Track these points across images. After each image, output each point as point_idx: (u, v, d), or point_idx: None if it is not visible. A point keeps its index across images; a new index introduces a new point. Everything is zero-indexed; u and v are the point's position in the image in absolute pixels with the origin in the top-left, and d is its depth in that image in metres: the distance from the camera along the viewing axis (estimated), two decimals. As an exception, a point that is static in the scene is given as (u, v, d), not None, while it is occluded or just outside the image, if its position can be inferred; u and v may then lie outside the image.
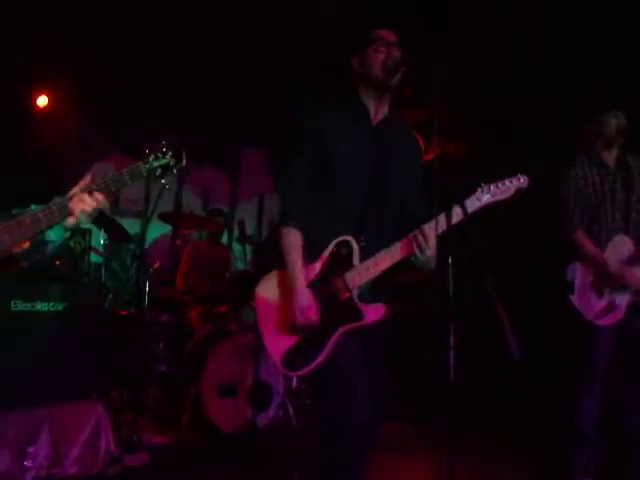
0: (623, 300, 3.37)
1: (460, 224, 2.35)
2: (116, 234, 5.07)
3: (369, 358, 2.46)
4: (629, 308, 3.36)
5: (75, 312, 3.67)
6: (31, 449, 3.27)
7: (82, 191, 1.97)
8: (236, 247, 6.76)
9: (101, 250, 5.01)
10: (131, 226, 5.95)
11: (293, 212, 2.49)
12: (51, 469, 3.32)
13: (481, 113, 5.58)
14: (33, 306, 3.53)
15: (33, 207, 2.04)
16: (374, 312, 2.39)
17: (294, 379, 4.80)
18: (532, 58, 5.36)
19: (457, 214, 2.32)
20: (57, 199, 1.98)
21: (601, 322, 3.37)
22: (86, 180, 2.01)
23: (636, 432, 3.40)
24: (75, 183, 2.03)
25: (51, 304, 3.59)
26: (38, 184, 5.25)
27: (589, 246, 3.43)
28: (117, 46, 5.61)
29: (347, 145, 2.48)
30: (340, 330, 2.37)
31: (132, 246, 5.44)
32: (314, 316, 2.36)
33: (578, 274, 3.47)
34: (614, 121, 3.50)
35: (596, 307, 3.39)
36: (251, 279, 4.93)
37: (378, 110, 2.56)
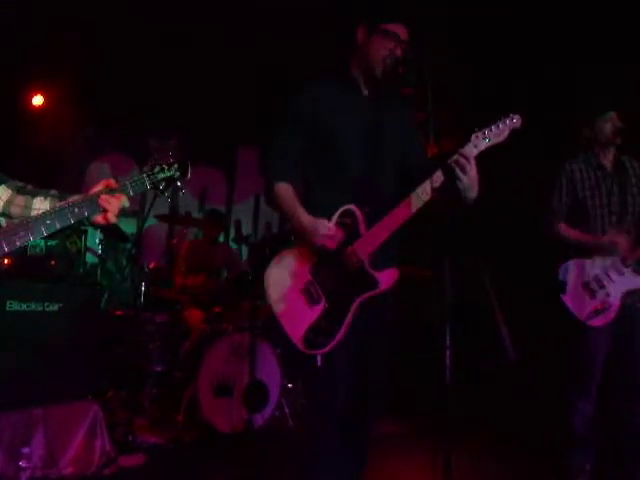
0: (616, 300, 3.37)
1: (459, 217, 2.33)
2: (111, 232, 5.05)
3: (371, 346, 2.50)
4: (622, 308, 3.36)
5: (71, 312, 3.66)
6: (26, 449, 3.25)
7: (107, 192, 1.95)
8: (232, 247, 6.77)
9: (96, 250, 4.99)
10: (127, 225, 5.95)
11: (281, 167, 2.48)
12: (46, 469, 3.31)
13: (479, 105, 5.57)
14: (28, 306, 3.51)
15: (52, 192, 2.04)
16: (388, 278, 2.38)
17: (286, 381, 4.80)
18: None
19: (455, 164, 2.30)
20: (68, 197, 1.96)
21: (593, 323, 3.37)
22: (107, 183, 1.98)
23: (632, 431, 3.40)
24: (75, 184, 2.01)
25: (46, 304, 3.57)
26: (34, 183, 5.23)
27: (573, 232, 3.48)
28: (113, 45, 5.61)
29: (341, 117, 2.49)
30: (358, 300, 2.36)
31: (128, 246, 5.43)
32: (340, 235, 2.33)
33: (570, 274, 3.48)
34: (608, 125, 3.52)
35: (588, 307, 3.39)
36: (248, 279, 4.94)
37: (367, 83, 2.56)
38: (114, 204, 1.94)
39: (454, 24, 5.26)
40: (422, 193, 2.34)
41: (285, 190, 2.45)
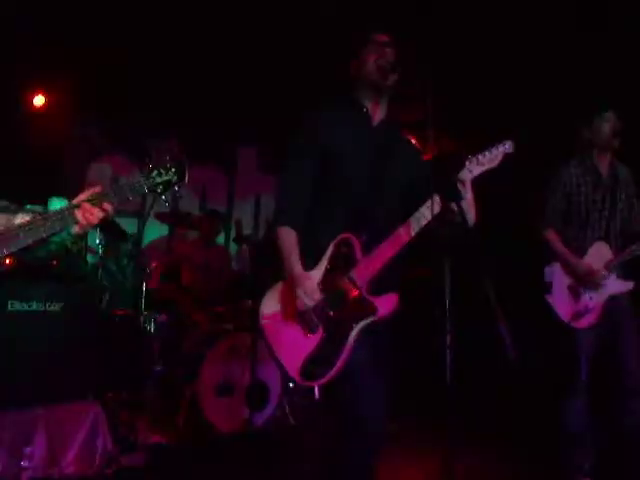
0: (597, 303, 3.43)
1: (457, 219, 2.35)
2: (112, 232, 5.06)
3: (375, 357, 2.45)
4: (605, 310, 3.43)
5: (72, 312, 3.67)
6: (27, 449, 3.26)
7: (88, 201, 1.94)
8: (233, 247, 6.77)
9: (97, 250, 4.99)
10: (128, 225, 5.95)
11: (289, 211, 2.50)
12: (48, 469, 3.32)
13: (479, 107, 5.57)
14: (30, 306, 3.53)
15: (28, 207, 2.03)
16: (387, 303, 2.37)
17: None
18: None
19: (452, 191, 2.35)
20: (55, 199, 1.97)
21: (577, 324, 3.43)
22: (93, 190, 1.98)
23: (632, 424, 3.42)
24: (75, 185, 2.01)
25: (48, 304, 3.58)
26: (34, 184, 5.24)
27: (559, 245, 3.53)
28: (114, 45, 5.60)
29: (347, 146, 2.51)
30: (356, 328, 2.34)
31: (129, 246, 5.43)
32: (317, 295, 2.33)
33: (556, 276, 3.54)
34: (607, 125, 3.52)
35: (572, 309, 3.46)
36: (248, 278, 4.95)
37: (376, 111, 2.60)
38: (88, 217, 1.92)
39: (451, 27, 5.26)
40: (420, 218, 2.39)
41: (287, 235, 2.45)
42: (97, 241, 4.93)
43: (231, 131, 7.01)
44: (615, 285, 3.48)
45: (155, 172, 2.03)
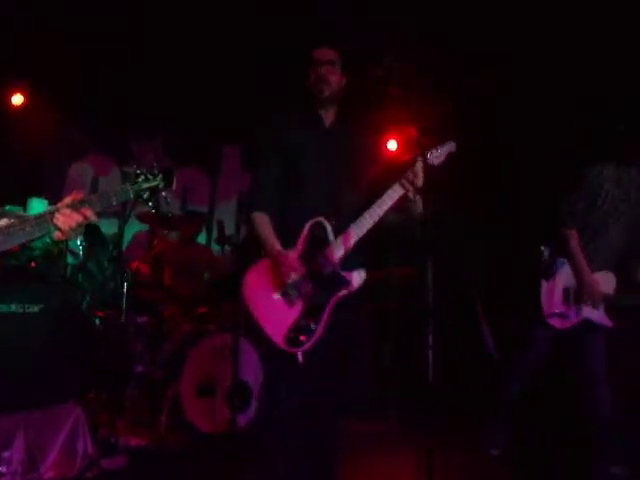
0: (578, 319, 3.61)
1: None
2: (93, 234, 5.02)
3: (348, 355, 2.76)
4: (579, 324, 3.61)
5: (52, 313, 3.63)
6: (6, 454, 3.22)
7: (69, 207, 1.91)
8: (215, 247, 6.74)
9: (78, 251, 4.95)
10: (108, 226, 5.91)
11: (259, 199, 2.83)
12: (26, 474, 3.28)
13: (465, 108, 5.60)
14: (8, 307, 3.49)
15: (7, 208, 2.00)
16: (357, 277, 2.68)
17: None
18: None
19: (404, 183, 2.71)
20: (34, 200, 1.94)
21: (552, 321, 3.65)
22: (75, 195, 1.96)
23: None
24: (55, 186, 1.98)
25: (27, 306, 3.54)
26: (13, 184, 5.19)
27: (576, 246, 3.60)
28: (96, 44, 5.56)
29: (306, 146, 2.83)
30: (333, 299, 2.63)
31: (109, 247, 5.39)
32: (300, 268, 2.62)
33: (560, 270, 3.67)
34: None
35: (554, 307, 3.65)
36: (229, 279, 4.92)
37: (327, 115, 2.93)
38: (67, 222, 1.90)
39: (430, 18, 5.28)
40: (382, 203, 2.71)
41: (261, 219, 2.79)
42: (78, 242, 4.89)
43: (212, 131, 6.98)
44: (599, 316, 3.61)
45: (141, 177, 2.01)
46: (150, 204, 2.07)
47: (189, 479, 3.74)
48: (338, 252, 2.66)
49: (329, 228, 2.68)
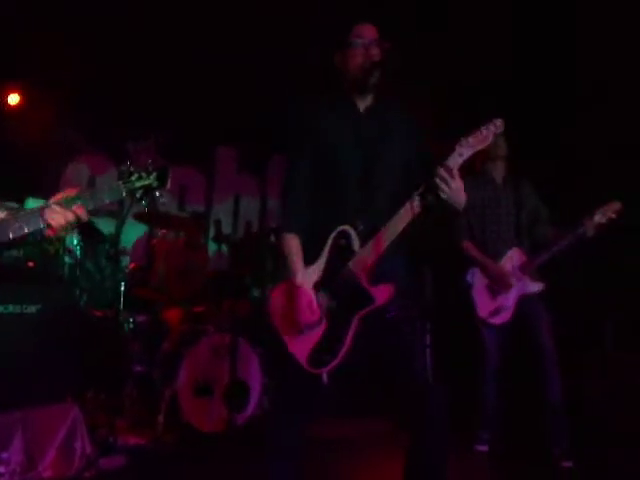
0: (510, 302, 3.90)
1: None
2: (89, 233, 5.02)
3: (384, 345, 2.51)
4: (517, 308, 3.90)
5: (49, 314, 3.63)
6: (4, 454, 3.22)
7: (60, 203, 1.88)
8: (212, 246, 6.74)
9: (75, 251, 4.94)
10: (105, 226, 5.90)
11: (292, 217, 2.59)
12: (25, 474, 3.28)
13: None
14: (6, 308, 3.48)
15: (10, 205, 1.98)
16: (383, 292, 2.42)
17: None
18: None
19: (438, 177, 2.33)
20: (31, 200, 1.93)
21: (492, 321, 3.94)
22: (68, 192, 1.92)
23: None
24: (52, 185, 1.97)
25: (24, 306, 3.54)
26: (10, 184, 5.17)
27: (475, 252, 4.03)
28: (92, 44, 5.56)
29: (336, 139, 2.56)
30: (356, 318, 2.42)
31: (107, 246, 5.39)
32: (314, 313, 2.44)
33: (476, 277, 4.04)
34: (500, 139, 3.91)
35: (489, 307, 3.96)
36: (227, 278, 4.93)
37: (362, 101, 2.63)
38: (57, 219, 1.86)
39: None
40: (413, 207, 2.38)
41: (291, 241, 2.56)
42: (75, 242, 4.89)
43: (209, 131, 6.98)
44: (527, 286, 3.92)
45: (135, 176, 1.98)
46: (143, 203, 2.04)
47: (187, 479, 3.74)
48: (364, 263, 2.43)
49: (354, 236, 2.46)
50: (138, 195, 1.98)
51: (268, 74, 5.84)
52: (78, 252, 4.94)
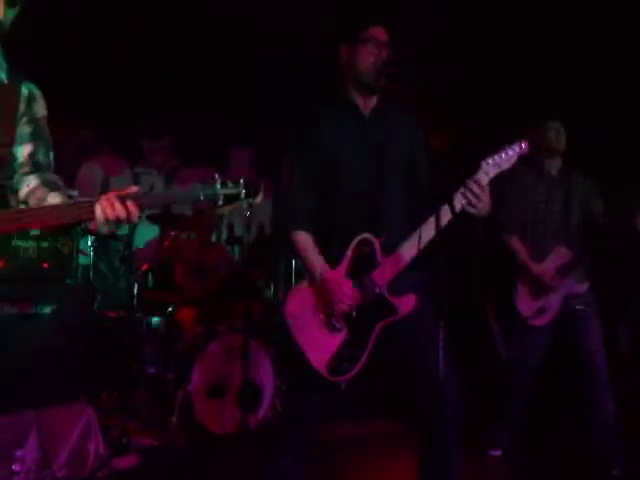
0: (555, 303, 3.69)
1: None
2: (103, 237, 5.05)
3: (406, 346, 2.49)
4: (561, 311, 3.70)
5: (64, 314, 3.65)
6: (19, 453, 3.23)
7: (115, 197, 1.76)
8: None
9: (89, 252, 4.97)
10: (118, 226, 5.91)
11: (299, 215, 2.50)
12: (39, 473, 3.29)
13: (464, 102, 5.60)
14: (21, 309, 3.50)
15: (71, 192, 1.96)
16: (406, 304, 2.40)
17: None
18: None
19: (470, 192, 2.33)
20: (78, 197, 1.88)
21: (535, 322, 3.73)
22: (130, 190, 1.81)
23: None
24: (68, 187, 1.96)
25: (39, 307, 3.56)
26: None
27: (519, 250, 3.79)
28: (106, 43, 5.58)
29: (343, 144, 2.51)
30: (378, 327, 2.40)
31: (120, 247, 5.42)
32: (355, 297, 2.38)
33: (520, 276, 3.82)
34: (552, 132, 3.74)
35: (531, 307, 3.75)
36: (240, 280, 4.94)
37: (366, 103, 2.58)
38: (107, 212, 1.74)
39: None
40: (440, 218, 2.32)
41: (303, 239, 2.48)
42: (89, 243, 4.91)
43: (223, 132, 7.00)
44: (571, 286, 3.72)
45: (218, 183, 1.88)
46: (222, 210, 1.92)
47: (199, 479, 3.75)
48: (387, 274, 2.40)
49: (377, 246, 2.42)
50: (220, 203, 1.86)
51: (285, 74, 5.83)
52: (92, 253, 4.97)
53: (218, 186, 1.84)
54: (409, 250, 2.40)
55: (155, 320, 4.96)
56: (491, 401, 4.04)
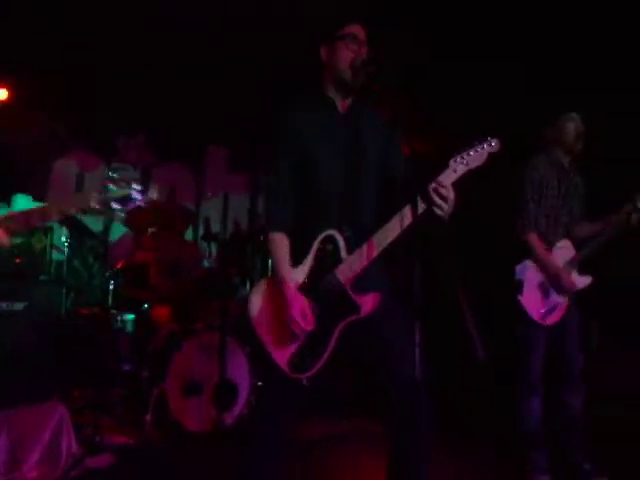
0: (564, 300, 3.57)
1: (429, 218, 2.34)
2: (78, 230, 4.98)
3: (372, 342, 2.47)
4: (566, 309, 3.58)
5: (36, 311, 3.60)
6: (-12, 455, 3.19)
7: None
8: (201, 245, 6.72)
9: (62, 248, 4.91)
10: (93, 223, 5.87)
11: (276, 216, 2.51)
12: (9, 475, 3.24)
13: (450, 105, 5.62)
14: (-6, 305, 3.46)
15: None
16: (369, 302, 2.39)
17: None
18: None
19: (434, 193, 2.29)
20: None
21: (546, 321, 3.56)
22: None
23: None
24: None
25: (11, 303, 3.51)
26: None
27: (539, 247, 3.58)
28: (81, 40, 5.53)
29: (319, 142, 2.51)
30: (340, 325, 2.39)
31: (95, 244, 5.36)
32: (309, 321, 2.37)
33: (527, 274, 3.61)
34: (572, 125, 3.63)
35: (543, 307, 3.57)
36: (216, 277, 4.91)
37: (344, 102, 2.59)
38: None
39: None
40: (403, 217, 2.34)
41: (278, 240, 2.48)
42: (63, 239, 4.86)
43: (199, 129, 6.96)
44: (579, 281, 3.62)
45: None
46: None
47: (174, 478, 3.72)
48: (351, 270, 2.39)
49: (341, 243, 2.42)
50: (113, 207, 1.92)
51: (261, 74, 5.82)
52: (66, 249, 4.91)
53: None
54: (374, 248, 2.38)
55: (130, 318, 4.92)
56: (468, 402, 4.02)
